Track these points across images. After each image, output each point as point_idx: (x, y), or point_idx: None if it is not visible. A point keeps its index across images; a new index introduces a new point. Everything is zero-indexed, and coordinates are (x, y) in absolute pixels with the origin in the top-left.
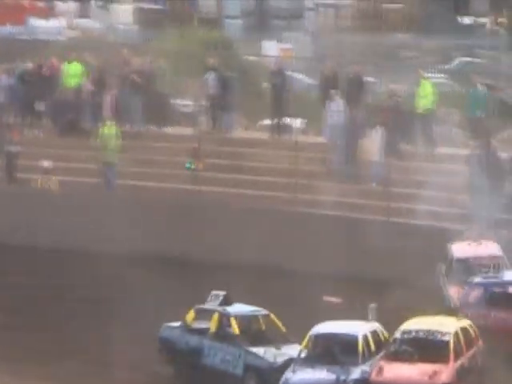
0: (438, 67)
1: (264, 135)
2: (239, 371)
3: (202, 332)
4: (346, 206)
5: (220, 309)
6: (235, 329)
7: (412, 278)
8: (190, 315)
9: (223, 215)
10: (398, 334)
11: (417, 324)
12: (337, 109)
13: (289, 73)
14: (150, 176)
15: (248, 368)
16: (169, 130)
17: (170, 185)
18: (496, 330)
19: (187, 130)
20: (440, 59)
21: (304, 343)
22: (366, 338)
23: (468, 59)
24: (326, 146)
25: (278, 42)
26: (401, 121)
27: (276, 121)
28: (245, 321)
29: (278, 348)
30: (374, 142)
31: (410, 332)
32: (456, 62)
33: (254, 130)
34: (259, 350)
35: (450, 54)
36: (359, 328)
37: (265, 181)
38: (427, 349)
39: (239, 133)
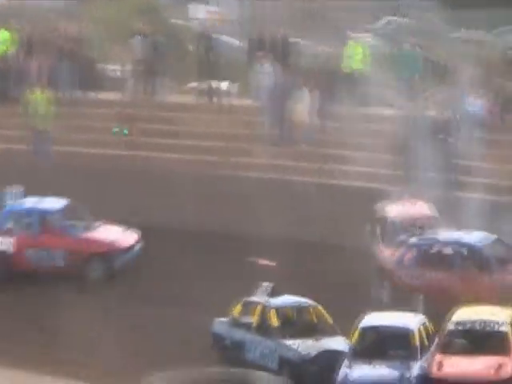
0: (365, 27)
1: (193, 99)
2: (275, 365)
3: (247, 326)
4: (279, 169)
5: (263, 301)
6: (274, 321)
7: (346, 239)
8: (237, 308)
9: (159, 180)
10: (451, 326)
11: (467, 314)
12: (265, 71)
13: (216, 36)
14: (83, 142)
15: (282, 361)
16: (99, 95)
17: (104, 150)
18: (431, 291)
19: (118, 96)
20: (368, 19)
21: (354, 337)
22: (420, 331)
23: (396, 19)
24: (257, 108)
25: (205, 4)
26: (330, 82)
27: (204, 84)
28: (287, 313)
29: (316, 340)
30: (303, 104)
31: (464, 323)
32: (384, 21)
33: (183, 94)
34: (294, 343)
35: (378, 13)
36: (412, 320)
37: (196, 145)
38: (485, 340)
39: (169, 97)
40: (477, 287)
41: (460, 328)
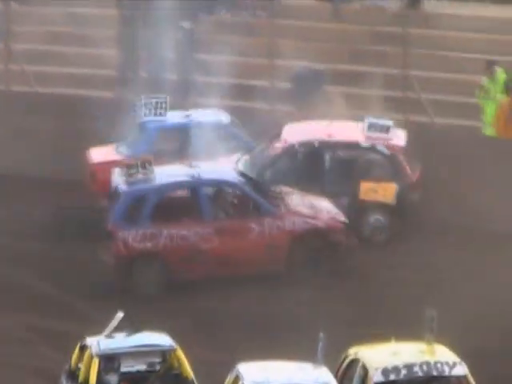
0: None
1: None
2: None
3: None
4: None
5: (88, 343)
6: (92, 378)
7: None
8: (75, 355)
9: None
10: (377, 378)
11: (388, 358)
12: None
13: None
14: None
15: None
16: None
17: None
18: (169, 256)
19: None
20: None
21: None
22: None
23: None
24: None
25: None
26: None
27: None
28: (125, 362)
29: None
30: None
31: (395, 370)
32: None
33: None
34: None
35: None
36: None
37: None
38: None
39: None
40: (238, 243)
41: (394, 378)
